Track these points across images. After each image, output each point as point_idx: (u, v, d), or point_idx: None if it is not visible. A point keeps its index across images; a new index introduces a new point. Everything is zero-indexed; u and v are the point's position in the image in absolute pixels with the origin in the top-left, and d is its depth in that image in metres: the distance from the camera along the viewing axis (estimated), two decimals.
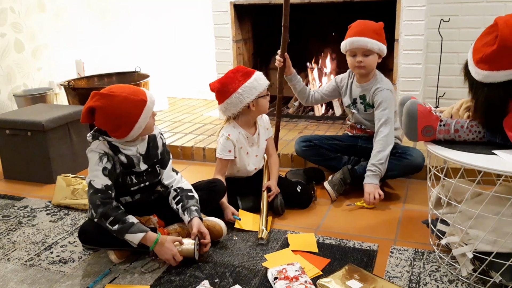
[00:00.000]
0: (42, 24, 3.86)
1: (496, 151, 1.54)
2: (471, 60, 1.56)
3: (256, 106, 2.15)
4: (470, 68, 1.57)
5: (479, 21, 3.21)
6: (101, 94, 1.73)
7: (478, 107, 1.60)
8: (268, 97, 2.20)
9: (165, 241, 1.74)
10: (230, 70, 2.17)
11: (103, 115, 1.73)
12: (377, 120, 2.27)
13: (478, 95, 1.58)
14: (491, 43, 1.49)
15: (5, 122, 2.72)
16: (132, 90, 1.77)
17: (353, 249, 1.86)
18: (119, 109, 1.72)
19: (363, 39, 2.21)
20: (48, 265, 1.84)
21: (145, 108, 1.75)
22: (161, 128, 3.38)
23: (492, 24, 1.53)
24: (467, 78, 1.60)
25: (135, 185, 1.87)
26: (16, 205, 2.42)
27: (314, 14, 3.60)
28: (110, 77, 3.92)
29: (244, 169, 2.25)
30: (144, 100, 1.76)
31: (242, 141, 2.20)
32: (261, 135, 2.27)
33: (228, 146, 2.16)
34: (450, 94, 3.41)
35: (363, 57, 2.24)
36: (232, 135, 2.17)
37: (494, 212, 1.52)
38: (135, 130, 1.76)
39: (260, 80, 2.12)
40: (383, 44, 2.24)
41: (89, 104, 1.74)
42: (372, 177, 2.22)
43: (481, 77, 1.53)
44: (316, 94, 2.55)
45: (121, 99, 1.72)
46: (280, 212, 2.17)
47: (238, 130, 2.19)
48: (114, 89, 1.75)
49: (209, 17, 3.47)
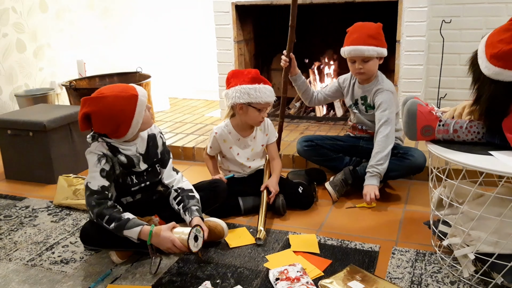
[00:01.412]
0: (44, 24, 3.87)
1: (492, 152, 1.54)
2: (483, 53, 1.51)
3: (244, 113, 2.15)
4: (480, 61, 1.53)
5: (481, 22, 3.21)
6: (92, 99, 1.72)
7: (481, 103, 1.58)
8: (264, 113, 2.17)
9: (160, 231, 1.68)
10: (251, 69, 2.18)
11: (99, 118, 1.73)
12: (377, 120, 2.27)
13: (483, 90, 1.55)
14: (509, 41, 1.45)
15: (6, 122, 2.73)
16: (121, 87, 1.76)
17: (354, 250, 1.86)
18: (113, 109, 1.71)
19: (360, 48, 2.20)
20: (50, 265, 1.85)
21: (138, 102, 1.74)
22: (163, 129, 3.38)
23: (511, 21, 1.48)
24: (473, 70, 1.57)
25: (135, 185, 1.87)
26: (17, 205, 2.42)
27: (316, 14, 3.60)
28: (112, 77, 3.92)
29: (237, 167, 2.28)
30: (135, 95, 1.74)
31: (231, 140, 2.23)
32: (258, 139, 2.27)
33: (210, 142, 2.25)
34: (452, 95, 3.40)
35: (362, 64, 2.24)
36: (219, 133, 2.22)
37: (496, 214, 1.51)
38: (133, 126, 1.75)
39: (259, 92, 2.09)
40: (381, 47, 2.22)
41: (82, 111, 1.73)
42: (371, 178, 2.22)
43: (491, 73, 1.49)
44: (319, 95, 2.55)
45: (112, 99, 1.71)
46: (281, 212, 2.17)
47: (229, 130, 2.22)
48: (103, 91, 1.74)
49: (210, 18, 3.48)
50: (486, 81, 1.52)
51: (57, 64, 4.01)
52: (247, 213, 2.21)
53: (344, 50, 2.26)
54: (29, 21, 3.74)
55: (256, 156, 2.31)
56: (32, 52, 3.80)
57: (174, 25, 4.29)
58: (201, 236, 1.70)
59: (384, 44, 2.25)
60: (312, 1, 3.08)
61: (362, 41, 2.19)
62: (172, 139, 3.15)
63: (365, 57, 2.22)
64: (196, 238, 1.69)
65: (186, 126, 3.46)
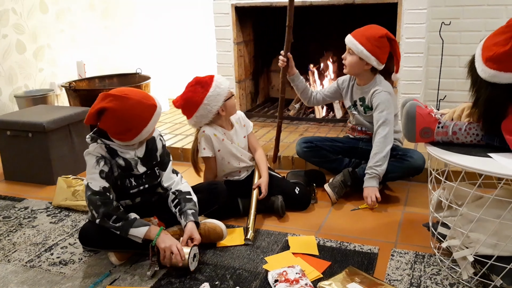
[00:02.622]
0: (43, 25, 3.87)
1: (491, 154, 1.54)
2: (480, 56, 1.53)
3: (225, 110, 2.15)
4: (477, 64, 1.54)
5: (480, 24, 3.22)
6: (115, 96, 1.72)
7: (479, 105, 1.59)
8: (234, 97, 2.21)
9: (166, 233, 1.76)
10: (188, 84, 2.17)
11: (115, 116, 1.72)
12: (375, 122, 2.28)
13: (480, 93, 1.57)
14: (504, 43, 1.47)
15: (6, 123, 2.73)
16: (143, 94, 1.78)
17: (353, 252, 1.86)
18: (132, 112, 1.72)
19: (350, 38, 2.25)
20: (49, 266, 1.84)
21: (155, 113, 1.77)
22: (162, 130, 3.38)
23: (507, 24, 1.50)
24: (471, 74, 1.58)
25: (134, 188, 1.87)
26: (16, 206, 2.42)
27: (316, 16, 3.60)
28: (111, 78, 3.92)
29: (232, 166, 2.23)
30: (155, 105, 1.78)
31: (221, 135, 2.19)
32: (238, 131, 2.27)
33: (202, 143, 2.17)
34: (451, 97, 3.41)
35: (348, 55, 2.29)
36: (207, 130, 2.16)
37: (495, 216, 1.51)
38: (142, 134, 1.76)
39: (221, 84, 2.12)
40: (371, 53, 2.20)
41: (101, 105, 1.71)
42: (370, 180, 2.22)
43: (487, 76, 1.51)
44: (318, 95, 2.56)
45: (134, 102, 1.72)
46: (280, 214, 2.17)
47: (214, 127, 2.19)
48: (126, 92, 1.74)
49: (210, 19, 3.48)
50: (483, 84, 1.54)
51: (56, 65, 4.02)
52: (247, 214, 2.20)
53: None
54: (29, 22, 3.74)
55: (245, 156, 2.29)
56: (32, 53, 3.80)
57: (174, 26, 4.29)
58: (198, 254, 1.77)
59: (377, 54, 2.21)
60: (312, 3, 3.09)
61: (358, 36, 2.23)
62: (172, 140, 3.15)
63: (349, 49, 2.26)
64: (195, 256, 1.75)
65: (185, 128, 3.46)
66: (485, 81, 1.52)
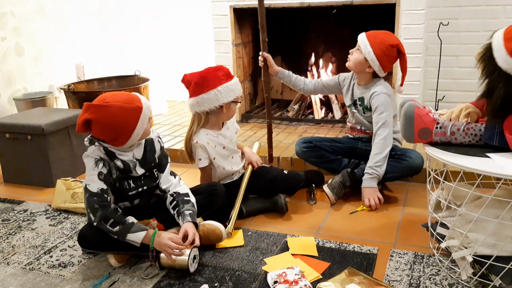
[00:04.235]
0: (42, 28, 3.87)
1: (490, 154, 1.54)
2: (503, 46, 1.46)
3: (228, 110, 2.16)
4: (498, 54, 1.47)
5: (478, 24, 3.22)
6: (96, 106, 1.70)
7: (494, 98, 1.51)
8: (239, 104, 2.24)
9: (162, 233, 1.75)
10: (210, 67, 2.17)
11: (100, 127, 1.71)
12: (375, 123, 2.28)
13: (497, 83, 1.49)
14: None
15: (5, 126, 2.73)
16: (126, 97, 1.74)
17: (353, 253, 1.86)
18: (116, 120, 1.69)
19: (363, 36, 2.26)
20: (48, 269, 1.84)
21: (142, 115, 1.74)
22: (161, 132, 3.38)
23: None
24: (487, 63, 1.51)
25: (132, 190, 1.87)
26: (15, 209, 2.42)
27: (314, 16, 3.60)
28: (110, 80, 3.92)
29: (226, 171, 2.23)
30: (140, 107, 1.74)
31: (214, 140, 2.17)
32: (230, 127, 2.26)
33: (198, 154, 2.15)
34: (450, 97, 3.41)
35: (355, 50, 2.29)
36: (200, 140, 2.14)
37: (494, 216, 1.52)
38: (133, 137, 1.75)
39: (238, 85, 2.16)
40: (376, 56, 2.20)
41: (84, 117, 1.70)
42: (370, 180, 2.22)
43: (510, 67, 1.45)
44: (317, 83, 2.56)
45: (116, 109, 1.69)
46: (285, 210, 2.19)
47: (206, 132, 2.16)
48: (108, 99, 1.72)
49: (209, 21, 3.48)
50: (502, 77, 1.47)
51: (55, 67, 4.01)
52: (249, 216, 2.21)
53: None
54: (28, 25, 3.74)
55: (236, 157, 2.28)
56: (31, 56, 3.80)
57: (173, 28, 4.29)
58: (197, 255, 1.77)
59: (382, 60, 2.22)
60: (310, 4, 3.09)
61: (371, 37, 2.24)
62: (171, 142, 3.15)
63: (359, 46, 2.26)
64: (195, 258, 1.75)
65: (184, 129, 3.45)
66: (507, 74, 1.45)
